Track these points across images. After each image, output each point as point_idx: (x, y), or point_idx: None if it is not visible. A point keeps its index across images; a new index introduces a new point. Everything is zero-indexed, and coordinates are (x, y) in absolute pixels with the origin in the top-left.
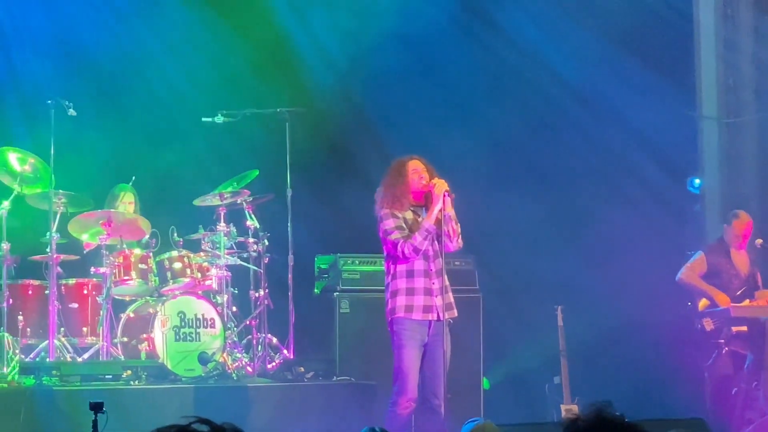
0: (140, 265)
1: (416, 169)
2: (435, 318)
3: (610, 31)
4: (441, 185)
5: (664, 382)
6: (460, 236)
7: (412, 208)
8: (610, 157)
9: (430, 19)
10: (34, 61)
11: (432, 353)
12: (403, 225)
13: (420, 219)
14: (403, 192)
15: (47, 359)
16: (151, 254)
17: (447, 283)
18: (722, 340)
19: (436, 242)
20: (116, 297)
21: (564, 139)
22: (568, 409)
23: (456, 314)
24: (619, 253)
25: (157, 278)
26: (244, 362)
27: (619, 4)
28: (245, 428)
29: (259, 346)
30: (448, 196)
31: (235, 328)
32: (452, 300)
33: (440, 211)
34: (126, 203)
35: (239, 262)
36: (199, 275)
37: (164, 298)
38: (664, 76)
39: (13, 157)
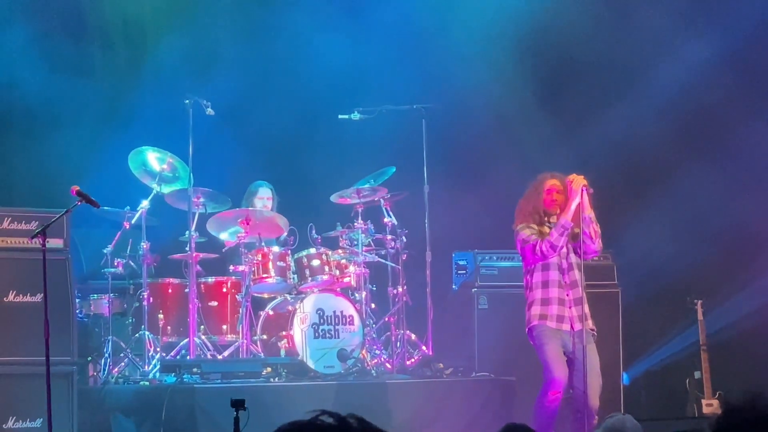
0: (279, 263)
1: (552, 188)
2: (568, 328)
3: (755, 34)
4: (579, 180)
5: None
6: (600, 237)
7: (548, 225)
8: (750, 148)
9: (565, 14)
10: (172, 61)
11: (580, 366)
12: (538, 233)
13: None
14: (536, 208)
15: (188, 357)
16: (289, 252)
17: (583, 295)
18: None
19: (572, 254)
20: (255, 295)
21: (698, 133)
22: (709, 404)
23: (592, 326)
24: (759, 244)
25: (295, 276)
26: (383, 359)
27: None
28: (385, 425)
29: (398, 343)
30: (586, 191)
31: (373, 325)
32: (588, 312)
33: (578, 207)
34: (263, 199)
35: (377, 258)
36: (338, 272)
37: (303, 295)
38: None
39: (152, 157)
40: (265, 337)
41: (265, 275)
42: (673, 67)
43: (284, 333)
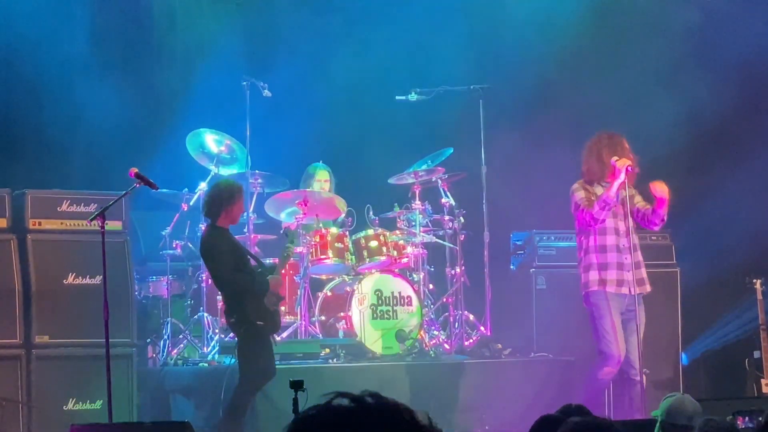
0: (336, 244)
1: (608, 145)
2: (627, 292)
3: None
4: (623, 161)
5: None
6: (650, 216)
7: (603, 184)
8: None
9: None
10: (228, 42)
11: (628, 327)
12: (593, 198)
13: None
14: (592, 167)
15: None
16: (347, 233)
17: (640, 259)
18: None
19: (629, 219)
20: (313, 276)
21: (762, 108)
22: None
23: (648, 289)
24: None
25: (353, 257)
26: (441, 339)
27: None
28: (444, 406)
29: (456, 323)
30: (631, 170)
31: (432, 306)
32: (644, 276)
33: (622, 185)
34: (321, 181)
35: (435, 239)
36: (396, 253)
37: (361, 276)
38: None
39: (210, 139)
40: (323, 318)
41: (323, 256)
42: (739, 36)
43: (342, 314)
